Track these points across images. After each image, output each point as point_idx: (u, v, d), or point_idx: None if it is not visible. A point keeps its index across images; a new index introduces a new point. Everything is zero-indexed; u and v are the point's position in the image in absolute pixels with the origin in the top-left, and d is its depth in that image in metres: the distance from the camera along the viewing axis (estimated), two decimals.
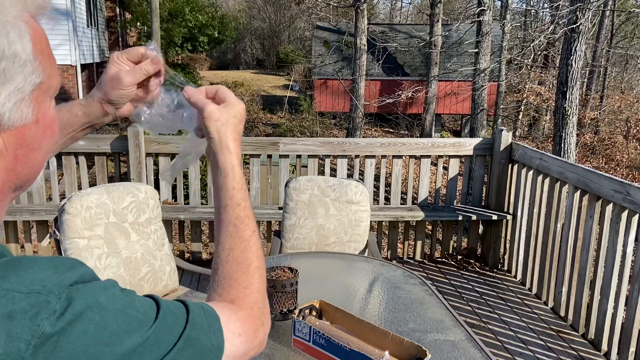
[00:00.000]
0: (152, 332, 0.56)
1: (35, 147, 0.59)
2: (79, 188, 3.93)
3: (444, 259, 4.35)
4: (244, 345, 0.68)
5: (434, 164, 4.41)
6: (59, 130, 0.83)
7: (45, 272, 0.52)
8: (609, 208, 3.03)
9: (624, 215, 2.88)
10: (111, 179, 4.29)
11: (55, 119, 0.63)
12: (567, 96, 7.05)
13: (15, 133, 0.56)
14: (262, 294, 0.76)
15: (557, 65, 10.02)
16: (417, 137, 15.77)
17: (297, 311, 1.66)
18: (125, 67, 0.85)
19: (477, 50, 11.35)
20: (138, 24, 16.43)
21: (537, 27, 16.39)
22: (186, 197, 4.53)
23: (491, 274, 4.11)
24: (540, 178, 3.69)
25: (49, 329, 0.49)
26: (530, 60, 15.63)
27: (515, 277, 4.02)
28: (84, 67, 13.05)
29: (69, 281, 0.52)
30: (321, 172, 7.88)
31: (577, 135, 10.69)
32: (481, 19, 11.06)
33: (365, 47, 13.93)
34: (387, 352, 1.42)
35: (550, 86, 15.43)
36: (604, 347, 3.04)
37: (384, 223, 4.33)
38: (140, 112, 0.88)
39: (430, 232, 5.36)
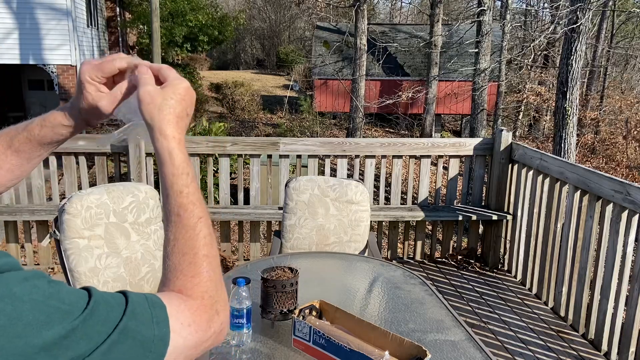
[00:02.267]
0: (79, 323, 0.54)
1: None
2: (79, 188, 3.93)
3: (444, 259, 4.35)
4: (194, 336, 0.65)
5: (434, 164, 4.41)
6: (47, 145, 0.83)
7: None
8: (609, 208, 3.03)
9: (624, 215, 2.88)
10: (111, 179, 4.29)
11: None
12: (567, 96, 7.05)
13: None
14: (215, 282, 0.72)
15: (557, 65, 10.02)
16: (417, 137, 15.77)
17: (297, 311, 1.66)
18: (101, 91, 0.80)
19: (477, 50, 11.36)
20: (138, 24, 16.43)
21: (537, 27, 16.39)
22: None
23: (491, 274, 4.11)
24: (540, 178, 3.69)
25: None
26: (530, 60, 15.63)
27: (515, 277, 4.02)
28: None
29: None
30: (321, 172, 7.89)
31: (577, 135, 10.69)
32: (481, 19, 11.06)
33: (366, 47, 13.93)
34: (387, 352, 1.42)
35: (551, 86, 15.43)
36: (604, 347, 3.04)
37: (384, 223, 4.33)
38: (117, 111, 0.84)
39: (430, 232, 5.36)
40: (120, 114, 0.82)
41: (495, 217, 4.10)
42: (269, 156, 4.48)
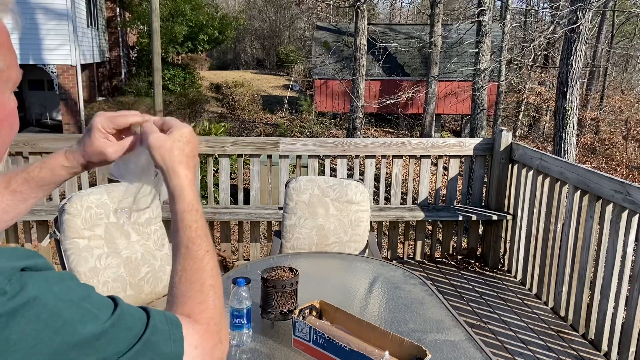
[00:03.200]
0: (108, 327, 0.56)
1: None
2: (79, 188, 3.93)
3: (444, 259, 4.35)
4: (200, 359, 0.68)
5: (434, 164, 4.41)
6: (45, 186, 0.86)
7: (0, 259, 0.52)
8: (609, 208, 3.03)
9: (624, 215, 2.88)
10: (112, 180, 4.29)
11: (15, 112, 0.63)
12: (567, 96, 7.05)
13: None
14: (219, 311, 0.76)
15: (557, 65, 10.02)
16: (417, 137, 15.77)
17: (297, 311, 1.66)
18: (110, 140, 0.86)
19: (477, 50, 11.36)
20: (138, 23, 16.44)
21: (537, 27, 16.39)
22: None
23: (491, 274, 4.11)
24: (540, 178, 3.69)
25: None
26: (530, 60, 15.63)
27: (515, 277, 4.02)
28: (84, 67, 13.05)
29: (21, 266, 0.53)
30: (321, 172, 7.89)
31: (577, 135, 10.69)
32: (481, 19, 11.06)
33: (365, 47, 13.93)
34: (387, 352, 1.42)
35: (550, 86, 15.43)
36: (604, 347, 3.04)
37: (384, 223, 4.33)
38: (115, 167, 0.89)
39: (430, 232, 5.36)
40: (116, 173, 0.88)
41: (495, 217, 4.10)
42: (269, 156, 4.47)
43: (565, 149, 7.18)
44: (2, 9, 0.59)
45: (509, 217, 4.09)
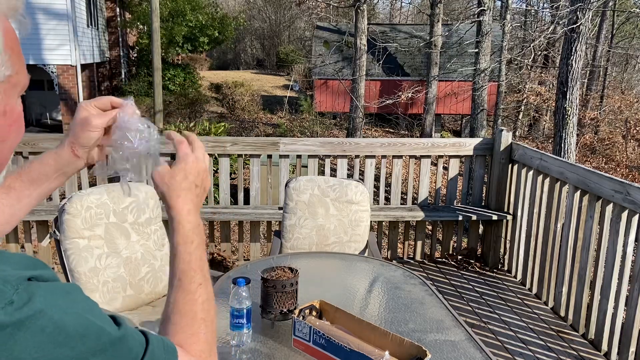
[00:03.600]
0: (109, 346, 0.56)
1: (1, 139, 0.60)
2: (79, 188, 3.93)
3: (444, 259, 4.35)
4: None
5: (434, 164, 4.41)
6: (36, 179, 0.87)
7: (3, 265, 0.52)
8: (609, 208, 3.03)
9: (624, 215, 2.88)
10: (111, 179, 4.29)
11: (22, 116, 0.65)
12: (567, 96, 7.05)
13: None
14: (210, 345, 0.76)
15: (557, 65, 10.02)
16: (417, 137, 15.77)
17: (297, 311, 1.66)
18: (93, 111, 0.88)
19: (477, 50, 11.36)
20: (138, 23, 16.43)
21: (537, 27, 16.39)
22: None
23: (491, 274, 4.11)
24: (540, 178, 3.69)
25: (4, 318, 0.48)
26: (530, 60, 15.63)
27: (515, 277, 4.02)
28: (84, 67, 13.05)
29: (27, 276, 0.53)
30: (321, 172, 7.89)
31: (577, 135, 10.69)
32: (481, 19, 11.05)
33: (366, 47, 13.93)
34: (387, 352, 1.42)
35: (550, 86, 15.43)
36: (604, 347, 3.04)
37: (384, 223, 4.33)
38: (110, 157, 0.89)
39: (430, 232, 5.36)
40: (104, 168, 0.89)
41: (495, 217, 4.10)
42: (269, 156, 4.47)
43: (565, 149, 7.18)
44: (12, 14, 0.60)
45: (509, 217, 4.09)
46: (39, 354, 0.50)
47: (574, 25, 6.87)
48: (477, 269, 4.18)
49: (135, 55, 18.35)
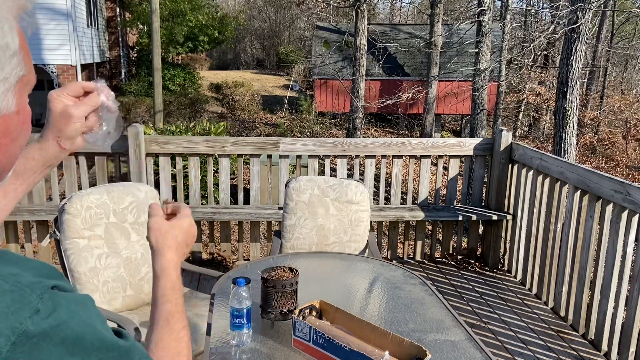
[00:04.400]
0: (118, 356, 0.56)
1: (15, 137, 0.61)
2: (79, 188, 3.93)
3: (444, 259, 4.35)
4: None
5: (434, 164, 4.41)
6: (21, 173, 0.88)
7: (24, 271, 0.53)
8: (609, 208, 3.03)
9: (624, 215, 2.88)
10: (111, 179, 4.29)
11: (30, 114, 0.65)
12: (567, 96, 7.05)
13: (1, 122, 0.58)
14: None
15: (557, 65, 10.02)
16: (417, 137, 15.77)
17: (297, 311, 1.66)
18: (69, 102, 0.89)
19: (477, 50, 11.36)
20: (138, 23, 16.43)
21: (537, 27, 16.39)
22: (186, 197, 4.53)
23: (491, 274, 4.11)
24: (540, 178, 3.69)
25: (31, 327, 0.48)
26: (530, 60, 15.63)
27: (515, 277, 4.02)
28: (84, 67, 13.05)
29: (50, 285, 0.53)
30: (321, 172, 7.89)
31: (577, 135, 10.69)
32: (481, 19, 11.06)
33: (366, 47, 13.93)
34: (387, 352, 1.42)
35: (550, 86, 15.43)
36: (604, 347, 3.04)
37: (384, 223, 4.33)
38: (88, 138, 0.94)
39: (430, 232, 5.36)
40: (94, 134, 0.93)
41: (495, 217, 4.10)
42: (269, 156, 4.47)
43: (565, 149, 7.18)
44: (21, 13, 0.60)
45: (509, 217, 4.09)
46: None
47: (574, 25, 6.87)
48: (477, 269, 4.18)
49: (135, 55, 18.35)
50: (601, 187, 3.03)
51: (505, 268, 4.20)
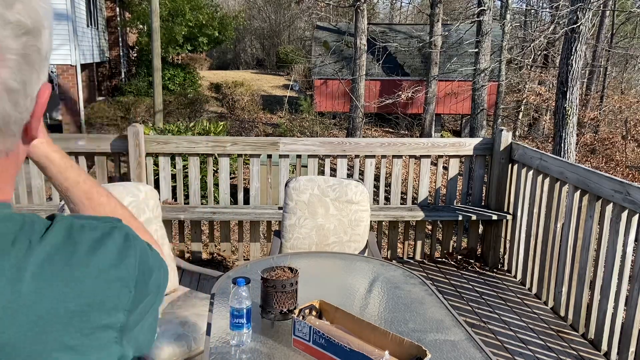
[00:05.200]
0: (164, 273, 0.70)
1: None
2: None
3: (444, 259, 4.35)
4: None
5: (434, 164, 4.41)
6: None
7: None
8: (609, 208, 3.03)
9: (624, 215, 2.88)
10: (111, 179, 4.29)
11: None
12: (567, 96, 7.05)
13: (32, 121, 0.58)
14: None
15: (557, 65, 10.02)
16: (417, 137, 15.77)
17: (297, 311, 1.66)
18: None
19: (477, 50, 11.35)
20: (138, 23, 16.42)
21: (537, 27, 16.39)
22: (186, 197, 4.53)
23: (491, 274, 4.11)
24: (540, 178, 3.69)
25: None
26: (530, 60, 15.63)
27: (515, 277, 4.02)
28: (84, 67, 13.05)
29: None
30: (321, 172, 7.89)
31: (577, 135, 10.70)
32: (481, 19, 11.06)
33: (365, 47, 13.92)
34: (387, 352, 1.42)
35: (550, 86, 15.43)
36: (604, 347, 3.04)
37: (384, 223, 4.33)
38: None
39: (430, 232, 5.36)
40: None
41: (495, 217, 4.10)
42: (269, 156, 4.47)
43: (565, 148, 7.18)
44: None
45: (509, 217, 4.09)
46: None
47: (574, 25, 6.87)
48: (477, 269, 4.18)
49: (135, 54, 18.34)
50: (601, 187, 3.03)
51: (505, 268, 4.20)
